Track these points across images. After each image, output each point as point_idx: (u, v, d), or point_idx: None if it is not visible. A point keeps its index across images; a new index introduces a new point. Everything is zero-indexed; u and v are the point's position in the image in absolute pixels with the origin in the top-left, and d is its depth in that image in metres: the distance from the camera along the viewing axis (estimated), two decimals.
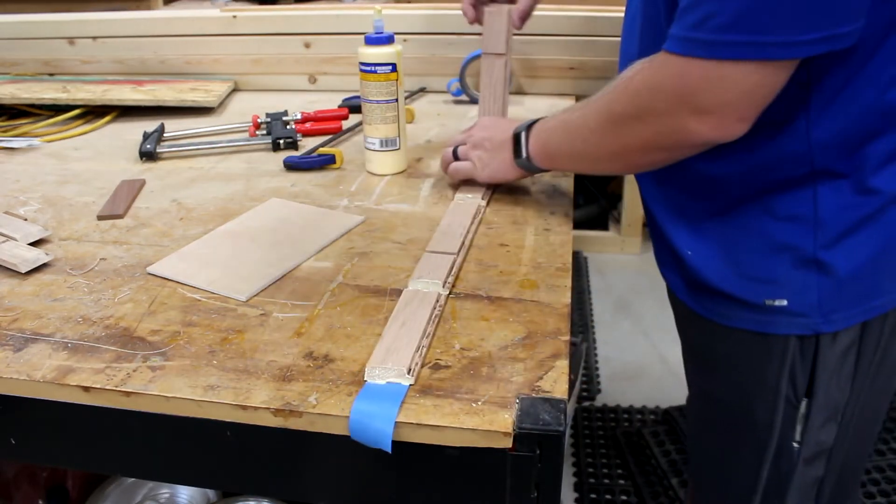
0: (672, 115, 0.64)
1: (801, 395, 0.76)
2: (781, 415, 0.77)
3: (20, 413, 0.62)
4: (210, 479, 0.70)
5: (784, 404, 0.77)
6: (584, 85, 1.32)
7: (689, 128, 0.63)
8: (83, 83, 1.35)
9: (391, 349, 0.60)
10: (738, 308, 0.75)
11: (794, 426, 0.78)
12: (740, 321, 0.76)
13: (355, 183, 0.98)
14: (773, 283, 0.73)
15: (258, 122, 1.17)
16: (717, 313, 0.78)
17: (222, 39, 1.40)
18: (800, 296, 0.72)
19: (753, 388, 0.78)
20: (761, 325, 0.74)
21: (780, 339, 0.74)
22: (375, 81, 0.95)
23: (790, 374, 0.75)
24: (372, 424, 0.54)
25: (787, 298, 0.72)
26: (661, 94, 0.64)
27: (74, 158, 1.11)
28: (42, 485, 1.23)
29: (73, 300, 0.71)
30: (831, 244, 0.70)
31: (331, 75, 1.40)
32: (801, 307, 0.72)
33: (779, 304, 0.73)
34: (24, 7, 1.75)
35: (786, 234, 0.71)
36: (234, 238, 0.82)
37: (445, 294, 0.69)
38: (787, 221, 0.71)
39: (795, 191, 0.70)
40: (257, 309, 0.69)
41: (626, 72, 0.69)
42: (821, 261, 0.70)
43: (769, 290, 0.73)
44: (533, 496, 0.55)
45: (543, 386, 0.57)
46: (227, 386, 0.58)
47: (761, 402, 0.78)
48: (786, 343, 0.74)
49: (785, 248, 0.71)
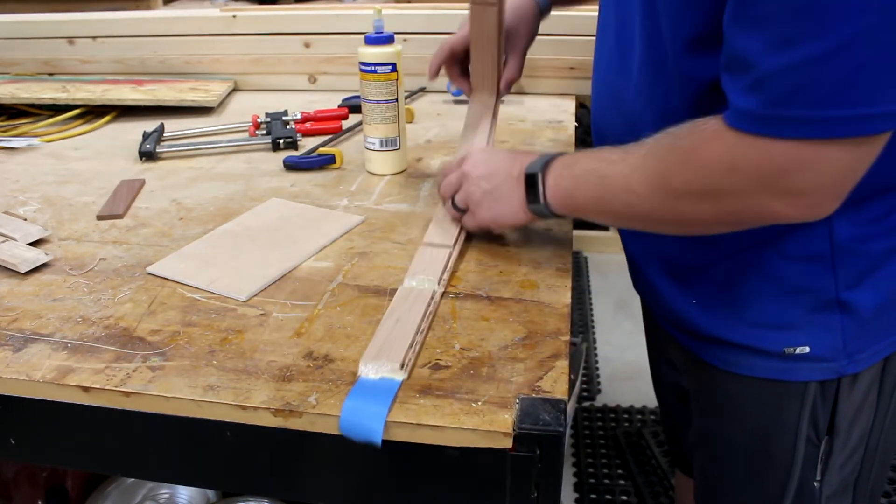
0: (753, 195, 0.55)
1: (822, 435, 0.72)
2: (802, 455, 0.73)
3: (20, 413, 0.62)
4: (210, 479, 0.70)
5: (805, 445, 0.72)
6: (584, 85, 1.31)
7: (773, 209, 0.55)
8: (83, 83, 1.35)
9: (385, 345, 0.60)
10: (751, 356, 0.71)
11: (816, 465, 0.74)
12: (755, 370, 0.71)
13: (355, 183, 0.98)
14: (792, 329, 0.68)
15: (258, 121, 1.17)
16: (728, 361, 0.73)
17: (222, 39, 1.40)
18: (823, 340, 0.67)
19: (771, 430, 0.73)
20: (780, 372, 0.70)
21: (801, 383, 0.70)
22: (375, 81, 0.95)
23: (811, 416, 0.71)
24: (362, 421, 0.54)
25: (810, 344, 0.68)
26: (738, 174, 0.55)
27: (74, 158, 1.11)
28: (42, 485, 1.23)
29: (73, 300, 0.71)
30: (854, 283, 0.66)
31: (330, 75, 1.40)
32: (825, 351, 0.68)
33: (800, 351, 0.68)
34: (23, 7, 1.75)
35: (801, 276, 0.66)
36: (234, 238, 0.82)
37: (441, 291, 0.69)
38: (803, 262, 0.66)
39: (809, 228, 0.64)
40: (257, 309, 0.69)
41: (676, 134, 0.59)
42: (844, 301, 0.66)
43: (788, 336, 0.68)
44: (533, 496, 0.55)
45: (543, 386, 0.57)
46: (226, 386, 0.58)
47: (780, 444, 0.73)
48: (806, 386, 0.70)
49: (801, 290, 0.67)
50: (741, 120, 0.53)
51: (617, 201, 0.64)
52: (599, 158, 0.66)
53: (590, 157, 0.68)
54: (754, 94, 0.52)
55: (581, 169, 0.67)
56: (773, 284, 0.68)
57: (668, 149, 0.60)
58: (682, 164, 0.58)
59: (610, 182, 0.64)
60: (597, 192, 0.66)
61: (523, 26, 0.93)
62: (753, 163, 0.53)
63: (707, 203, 0.58)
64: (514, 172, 0.71)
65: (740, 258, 0.69)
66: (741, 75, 0.52)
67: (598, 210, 0.67)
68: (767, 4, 0.49)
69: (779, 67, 0.49)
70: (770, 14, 0.49)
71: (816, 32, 0.47)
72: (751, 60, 0.51)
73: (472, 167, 0.76)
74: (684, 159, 0.58)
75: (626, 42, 0.70)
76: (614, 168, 0.64)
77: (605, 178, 0.64)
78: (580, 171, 0.67)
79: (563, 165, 0.69)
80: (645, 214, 0.63)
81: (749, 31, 0.51)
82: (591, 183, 0.66)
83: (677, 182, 0.59)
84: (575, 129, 1.16)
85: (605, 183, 0.64)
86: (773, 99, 0.51)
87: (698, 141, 0.57)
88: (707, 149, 0.56)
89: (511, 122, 1.18)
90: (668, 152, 0.60)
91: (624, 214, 0.66)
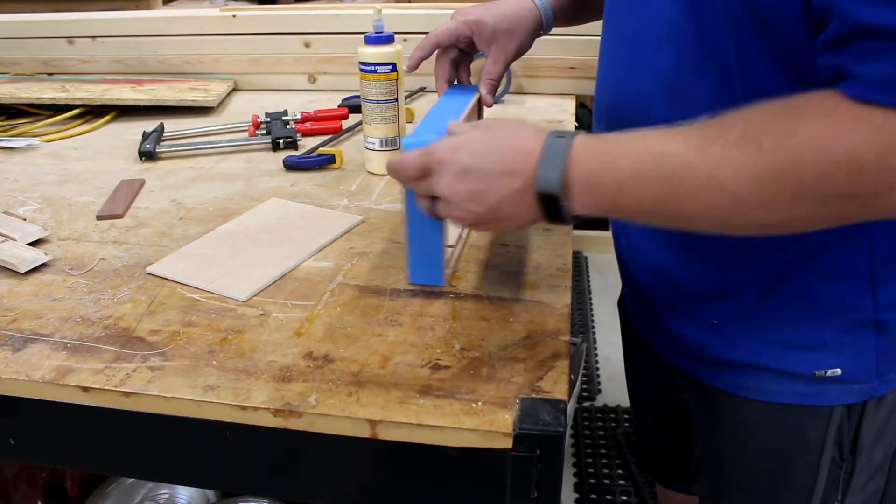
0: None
1: (846, 455, 0.69)
2: (826, 477, 0.69)
3: (19, 413, 0.62)
4: (210, 479, 0.70)
5: (829, 465, 0.69)
6: (584, 85, 1.32)
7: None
8: (82, 83, 1.35)
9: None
10: (773, 380, 0.66)
11: (838, 485, 0.70)
12: (778, 395, 0.66)
13: (355, 183, 0.98)
14: (823, 351, 0.64)
15: (258, 121, 1.17)
16: (747, 387, 0.68)
17: (222, 39, 1.40)
18: (855, 361, 0.64)
19: (793, 451, 0.69)
20: (807, 397, 0.65)
21: (827, 406, 0.66)
22: (375, 81, 0.95)
23: (837, 437, 0.67)
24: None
25: (842, 366, 0.64)
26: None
27: (73, 158, 1.11)
28: (41, 485, 1.23)
29: (73, 300, 0.71)
30: (893, 302, 0.62)
31: (330, 75, 1.40)
32: (857, 372, 0.64)
33: (832, 373, 0.64)
34: (23, 6, 1.75)
35: (837, 296, 0.62)
36: (234, 238, 0.82)
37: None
38: (839, 281, 0.62)
39: (849, 245, 0.60)
40: (257, 309, 0.69)
41: (777, 118, 0.48)
42: (881, 321, 0.62)
43: (818, 358, 0.64)
44: (533, 497, 0.55)
45: (544, 386, 0.57)
46: (226, 386, 0.58)
47: (802, 465, 0.69)
48: (833, 408, 0.66)
49: (836, 310, 0.63)
50: (886, 90, 0.43)
51: (695, 203, 0.50)
52: (651, 150, 0.51)
53: (633, 144, 0.52)
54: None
55: (629, 167, 0.52)
56: (804, 303, 0.63)
57: (780, 138, 0.47)
58: (813, 159, 0.45)
59: (684, 180, 0.50)
60: (659, 193, 0.51)
61: (515, 33, 0.84)
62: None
63: (837, 203, 0.47)
64: (515, 184, 0.55)
65: (771, 277, 0.63)
66: (871, 42, 0.44)
67: (655, 214, 0.53)
68: None
69: None
70: None
71: None
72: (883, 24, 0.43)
73: (447, 183, 0.57)
74: (815, 152, 0.45)
75: (646, 30, 0.62)
76: (686, 161, 0.50)
77: (675, 176, 0.50)
78: (628, 171, 0.52)
79: (595, 168, 0.53)
80: (735, 218, 0.50)
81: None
82: (650, 184, 0.51)
83: (809, 182, 0.46)
84: (575, 129, 1.16)
85: (674, 182, 0.50)
86: None
87: (827, 127, 0.45)
88: (846, 135, 0.44)
89: None
90: (781, 143, 0.46)
91: (700, 219, 0.52)
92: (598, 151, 0.53)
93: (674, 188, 0.50)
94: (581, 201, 0.54)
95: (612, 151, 0.53)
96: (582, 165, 0.53)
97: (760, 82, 0.55)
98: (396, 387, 0.57)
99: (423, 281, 0.71)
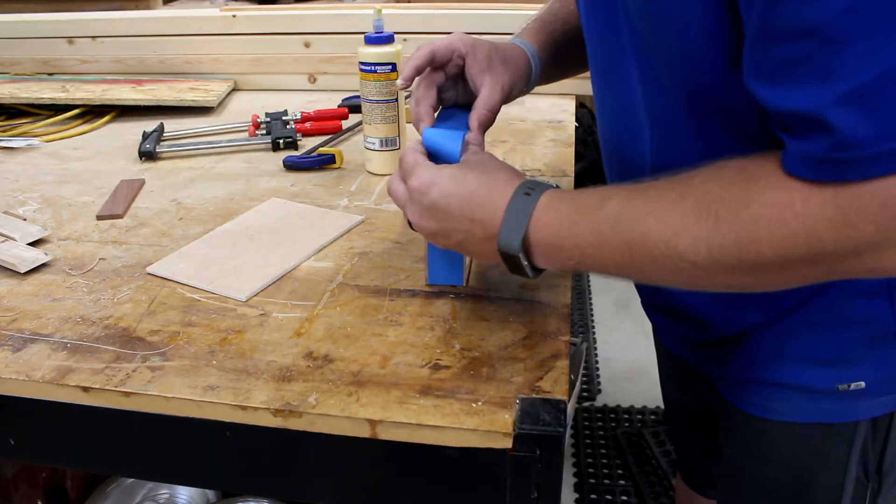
0: (869, 251, 0.45)
1: (872, 475, 0.68)
2: (851, 497, 0.68)
3: (19, 413, 0.62)
4: (210, 479, 0.70)
5: (854, 484, 0.68)
6: (584, 85, 1.30)
7: (891, 262, 0.45)
8: (82, 83, 1.35)
9: None
10: (795, 399, 0.65)
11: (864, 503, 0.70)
12: (800, 414, 0.65)
13: (355, 183, 0.98)
14: (846, 364, 0.63)
15: (258, 121, 1.17)
16: (765, 408, 0.67)
17: (222, 39, 1.40)
18: (879, 373, 0.63)
19: (816, 470, 0.68)
20: (831, 414, 0.64)
21: (851, 423, 0.65)
22: (375, 81, 0.95)
23: (862, 456, 0.67)
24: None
25: (865, 380, 0.63)
26: (851, 230, 0.44)
27: (73, 158, 1.11)
28: (41, 485, 1.23)
29: (73, 300, 0.71)
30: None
31: (330, 75, 1.40)
32: (881, 386, 0.64)
33: (855, 387, 0.63)
34: (23, 6, 1.75)
35: (857, 311, 0.62)
36: (234, 238, 0.82)
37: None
38: (859, 298, 0.62)
39: None
40: (257, 309, 0.69)
41: (733, 189, 0.48)
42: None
43: (841, 373, 0.63)
44: (533, 497, 0.55)
45: (544, 386, 0.57)
46: (226, 386, 0.58)
47: (826, 484, 0.68)
48: (857, 425, 0.65)
49: (856, 324, 0.62)
50: (836, 169, 0.43)
51: (657, 269, 0.51)
52: (609, 215, 0.52)
53: (594, 206, 0.53)
54: (859, 138, 0.42)
55: (591, 231, 0.52)
56: (825, 320, 0.63)
57: (734, 209, 0.47)
58: (769, 232, 0.46)
59: (643, 247, 0.50)
60: (621, 259, 0.52)
61: (511, 64, 0.73)
62: (871, 212, 0.43)
63: (801, 269, 0.47)
64: (479, 233, 0.56)
65: (793, 293, 0.61)
66: (805, 127, 0.44)
67: (622, 275, 0.54)
68: (796, 44, 0.42)
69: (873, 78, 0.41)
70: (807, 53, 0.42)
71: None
72: (819, 112, 0.43)
73: (417, 213, 0.58)
74: (771, 224, 0.46)
75: (621, 84, 0.62)
76: (645, 228, 0.50)
77: (634, 243, 0.50)
78: (590, 237, 0.52)
79: (556, 232, 0.53)
80: (701, 282, 0.51)
81: (807, 85, 0.43)
82: (611, 249, 0.52)
83: (768, 254, 0.46)
84: (575, 129, 1.16)
85: (634, 249, 0.51)
86: (884, 132, 0.41)
87: (781, 199, 0.45)
88: (801, 209, 0.45)
89: (511, 122, 1.18)
90: (736, 214, 0.47)
91: (667, 281, 0.53)
92: (560, 215, 0.53)
93: (634, 255, 0.51)
94: (544, 261, 0.55)
95: (572, 216, 0.53)
96: (544, 229, 0.54)
97: (723, 145, 0.54)
98: (396, 387, 0.57)
99: (442, 282, 0.71)
